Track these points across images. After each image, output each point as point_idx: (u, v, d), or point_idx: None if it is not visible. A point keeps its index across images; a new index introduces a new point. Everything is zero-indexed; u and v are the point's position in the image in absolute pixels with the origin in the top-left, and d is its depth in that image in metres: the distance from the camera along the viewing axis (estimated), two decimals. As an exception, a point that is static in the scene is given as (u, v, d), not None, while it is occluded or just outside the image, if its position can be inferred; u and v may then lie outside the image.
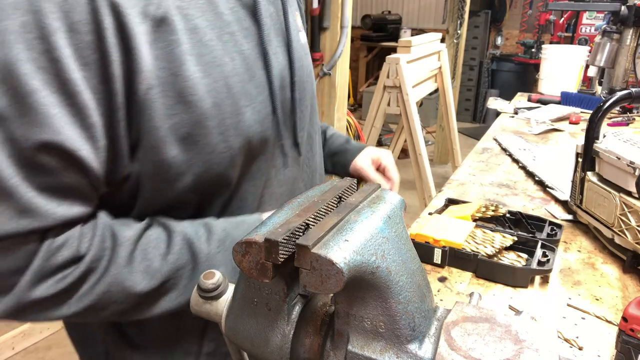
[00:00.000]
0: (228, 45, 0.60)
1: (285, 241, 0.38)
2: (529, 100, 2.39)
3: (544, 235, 0.95)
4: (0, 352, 2.08)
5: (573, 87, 2.42)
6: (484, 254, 0.86)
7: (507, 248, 0.89)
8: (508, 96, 2.70)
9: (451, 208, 1.09)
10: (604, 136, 0.96)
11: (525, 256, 0.88)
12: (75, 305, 0.55)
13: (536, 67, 3.24)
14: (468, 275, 0.87)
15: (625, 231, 0.87)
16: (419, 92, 3.07)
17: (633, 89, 0.95)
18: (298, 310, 0.45)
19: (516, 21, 6.62)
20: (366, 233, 0.40)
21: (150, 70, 0.52)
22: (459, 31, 4.48)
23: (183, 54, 0.55)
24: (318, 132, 0.85)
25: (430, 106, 5.71)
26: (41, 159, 0.49)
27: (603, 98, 2.04)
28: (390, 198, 0.46)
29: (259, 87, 0.64)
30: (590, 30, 5.25)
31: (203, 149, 0.58)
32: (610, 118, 1.96)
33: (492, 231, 0.94)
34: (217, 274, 0.49)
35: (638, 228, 0.84)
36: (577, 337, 0.70)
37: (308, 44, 0.82)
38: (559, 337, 0.70)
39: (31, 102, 0.47)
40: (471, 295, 0.50)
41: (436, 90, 3.53)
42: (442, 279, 0.86)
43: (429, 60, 3.14)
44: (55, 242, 0.52)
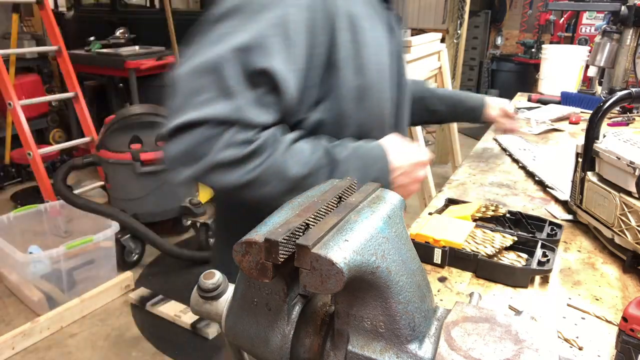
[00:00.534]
0: (386, 35, 0.90)
1: (285, 241, 0.38)
2: (529, 100, 2.39)
3: (544, 235, 0.95)
4: (0, 352, 2.08)
5: (573, 87, 2.42)
6: (484, 254, 0.86)
7: (507, 248, 0.89)
8: (508, 96, 2.69)
9: (451, 208, 1.09)
10: (604, 136, 0.96)
11: (525, 256, 0.88)
12: (244, 175, 0.75)
13: (536, 67, 3.24)
14: (468, 275, 0.87)
15: (625, 231, 0.87)
16: (419, 92, 3.06)
17: (633, 89, 0.95)
18: (298, 310, 0.45)
19: (516, 21, 6.62)
20: (366, 233, 0.40)
21: (342, 45, 0.80)
22: (459, 31, 4.48)
23: (364, 39, 0.83)
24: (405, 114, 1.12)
25: (430, 106, 5.69)
26: (261, 78, 0.74)
27: (603, 98, 2.04)
28: (390, 198, 0.46)
29: (391, 72, 0.93)
30: (590, 30, 5.25)
31: (365, 109, 0.86)
32: (610, 118, 1.96)
33: (492, 231, 0.94)
34: (217, 274, 0.49)
35: (638, 228, 0.84)
36: (577, 337, 0.70)
37: None
38: (559, 337, 0.70)
39: (268, 42, 0.73)
40: (471, 295, 0.50)
41: (436, 90, 3.52)
42: (442, 279, 0.85)
43: (429, 60, 3.14)
44: (242, 128, 0.74)
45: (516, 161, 1.50)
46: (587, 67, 2.47)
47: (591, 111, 0.98)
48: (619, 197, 0.88)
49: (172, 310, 2.38)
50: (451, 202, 1.13)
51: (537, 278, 0.85)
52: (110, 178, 2.86)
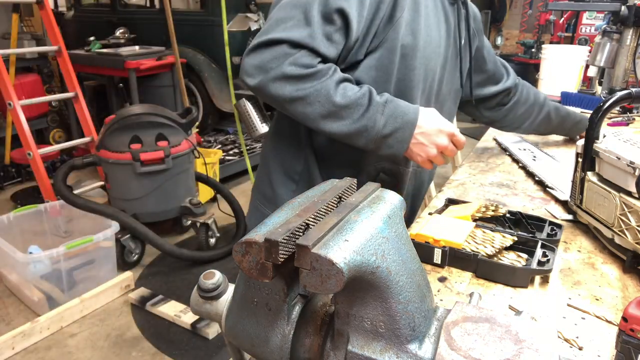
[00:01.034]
0: (438, 21, 1.09)
1: (285, 241, 0.38)
2: (529, 100, 2.39)
3: (544, 235, 0.95)
4: (0, 352, 2.08)
5: (573, 87, 2.41)
6: (484, 254, 0.86)
7: (507, 248, 0.89)
8: (508, 96, 2.69)
9: (451, 208, 1.09)
10: (604, 136, 0.96)
11: (525, 256, 0.88)
12: (297, 91, 0.93)
13: (536, 67, 3.24)
14: (468, 275, 0.87)
15: (625, 231, 0.87)
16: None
17: (633, 89, 0.95)
18: (298, 310, 0.45)
19: (516, 21, 6.62)
20: (366, 233, 0.40)
21: (404, 8, 0.99)
22: (459, 31, 4.47)
23: (422, 11, 1.02)
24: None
25: (430, 106, 5.69)
26: (335, 17, 0.93)
27: (603, 98, 2.04)
28: (390, 198, 0.46)
29: (440, 56, 1.11)
30: (590, 30, 5.25)
31: (407, 67, 1.04)
32: (610, 118, 1.96)
33: (492, 231, 0.94)
34: (217, 274, 0.49)
35: (638, 228, 0.84)
36: (577, 337, 0.70)
37: None
38: (559, 337, 0.70)
39: None
40: (471, 295, 0.50)
41: (436, 90, 3.52)
42: (442, 279, 0.85)
43: (429, 60, 3.13)
44: (310, 53, 0.93)
45: (516, 161, 1.50)
46: (587, 67, 2.46)
47: (591, 111, 0.98)
48: (619, 197, 0.88)
49: (172, 310, 2.38)
50: (451, 202, 1.13)
51: (537, 278, 0.85)
52: (110, 178, 2.86)
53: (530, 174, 1.38)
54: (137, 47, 4.05)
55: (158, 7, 4.72)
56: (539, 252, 0.86)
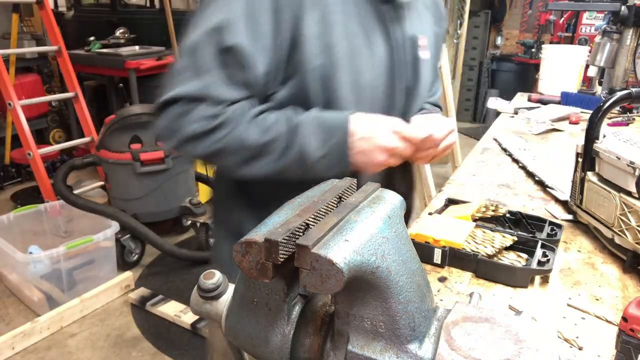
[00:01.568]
0: (361, 26, 0.88)
1: (285, 241, 0.38)
2: (529, 100, 2.39)
3: (544, 235, 0.95)
4: (0, 352, 2.08)
5: (573, 87, 2.41)
6: (484, 254, 0.86)
7: (507, 248, 0.89)
8: (508, 96, 2.69)
9: (451, 208, 1.09)
10: (604, 136, 0.96)
11: (525, 256, 0.88)
12: (211, 146, 0.82)
13: (536, 67, 3.24)
14: (468, 275, 0.87)
15: (625, 231, 0.87)
16: (419, 92, 3.06)
17: (633, 89, 0.95)
18: (298, 310, 0.45)
19: (516, 21, 6.62)
20: (366, 233, 0.40)
21: (309, 22, 0.83)
22: (459, 31, 4.48)
23: (333, 20, 0.85)
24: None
25: (430, 106, 5.69)
26: (229, 56, 0.80)
27: (603, 98, 2.04)
28: (390, 198, 0.46)
29: (375, 65, 0.91)
30: (590, 30, 5.25)
31: (332, 90, 0.87)
32: (610, 118, 1.96)
33: (492, 231, 0.94)
34: (217, 274, 0.49)
35: (638, 228, 0.84)
36: (577, 337, 0.70)
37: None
38: (559, 337, 0.70)
39: (235, 21, 0.80)
40: (471, 295, 0.50)
41: (436, 90, 3.52)
42: (442, 279, 0.85)
43: (429, 60, 3.14)
44: (212, 104, 0.81)
45: (516, 161, 1.50)
46: (587, 67, 2.46)
47: (591, 111, 0.98)
48: (619, 197, 0.88)
49: (172, 310, 2.38)
50: (451, 202, 1.13)
51: (537, 278, 0.85)
52: (110, 178, 2.86)
53: (530, 174, 1.38)
54: (137, 47, 4.05)
55: (158, 7, 4.72)
56: (539, 252, 0.86)
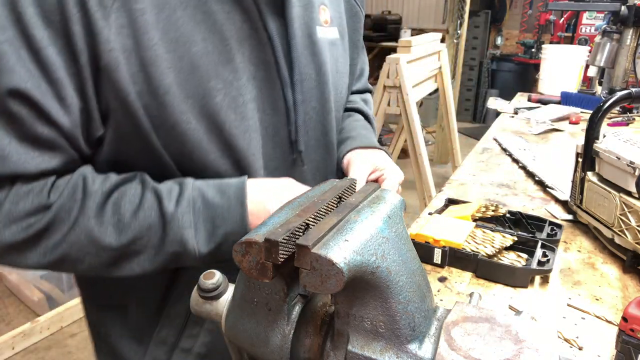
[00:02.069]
0: (201, 25, 0.60)
1: (285, 241, 0.38)
2: (529, 100, 2.39)
3: (544, 235, 0.95)
4: (0, 352, 2.08)
5: (573, 87, 2.41)
6: (484, 254, 0.86)
7: (507, 248, 0.89)
8: (508, 96, 2.70)
9: (451, 208, 1.09)
10: (604, 136, 0.96)
11: (525, 256, 0.88)
12: (50, 254, 0.57)
13: (536, 67, 3.24)
14: (468, 275, 0.87)
15: (625, 231, 0.87)
16: (419, 92, 3.07)
17: (633, 89, 0.95)
18: (298, 310, 0.45)
19: (516, 21, 6.62)
20: (366, 233, 0.40)
21: (111, 32, 0.54)
22: (459, 31, 4.48)
23: (146, 24, 0.56)
24: (336, 137, 0.84)
25: (430, 106, 5.71)
26: (12, 107, 0.52)
27: (603, 98, 2.04)
28: (390, 198, 0.46)
29: (237, 72, 0.63)
30: (590, 30, 5.24)
31: (164, 123, 0.59)
32: (610, 118, 1.96)
33: (492, 231, 0.94)
34: (217, 274, 0.49)
35: (638, 228, 0.84)
36: (577, 337, 0.70)
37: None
38: (559, 337, 0.70)
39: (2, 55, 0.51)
40: (471, 295, 0.50)
41: (436, 90, 3.53)
42: (442, 279, 0.85)
43: (429, 60, 3.14)
44: (23, 188, 0.55)
45: (516, 161, 1.50)
46: (587, 67, 2.46)
47: (591, 111, 0.98)
48: (619, 197, 0.88)
49: (172, 310, 2.38)
50: (451, 202, 1.13)
51: (537, 278, 0.85)
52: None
53: (530, 174, 1.38)
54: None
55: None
56: (539, 252, 0.86)
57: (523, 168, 1.43)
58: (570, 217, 1.10)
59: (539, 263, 0.84)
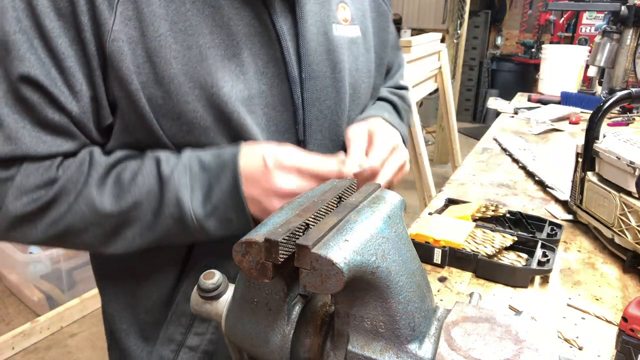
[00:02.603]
0: (209, 18, 0.61)
1: (285, 241, 0.38)
2: (529, 100, 2.39)
3: (544, 235, 0.95)
4: (0, 352, 2.08)
5: (573, 87, 2.42)
6: (484, 254, 0.86)
7: (507, 248, 0.89)
8: (508, 96, 2.70)
9: (451, 208, 1.09)
10: (604, 136, 0.96)
11: (525, 256, 0.88)
12: (56, 224, 0.59)
13: (536, 67, 3.24)
14: (468, 275, 0.87)
15: (625, 231, 0.87)
16: (419, 92, 3.07)
17: (633, 89, 0.95)
18: (298, 310, 0.45)
19: (516, 21, 6.62)
20: (366, 233, 0.40)
21: (116, 23, 0.56)
22: (459, 31, 4.48)
23: (153, 15, 0.58)
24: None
25: (430, 106, 5.71)
26: (24, 92, 0.56)
27: (603, 98, 2.04)
28: (390, 198, 0.46)
29: (244, 66, 0.63)
30: (590, 30, 5.25)
31: (169, 113, 0.60)
32: (610, 118, 1.96)
33: (492, 231, 0.94)
34: (217, 274, 0.49)
35: (638, 228, 0.84)
36: (577, 337, 0.70)
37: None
38: (559, 337, 0.70)
39: (13, 42, 0.55)
40: (471, 295, 0.50)
41: (436, 90, 3.53)
42: (442, 279, 0.85)
43: (429, 60, 3.14)
44: (34, 165, 0.58)
45: (516, 161, 1.50)
46: (587, 67, 2.47)
47: (591, 111, 0.98)
48: (619, 197, 0.88)
49: (172, 310, 2.38)
50: (451, 202, 1.13)
51: (537, 278, 0.85)
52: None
53: (530, 174, 1.38)
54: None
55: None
56: (539, 252, 0.86)
57: (523, 168, 1.43)
58: (570, 217, 1.10)
59: (539, 263, 0.84)
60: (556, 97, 2.31)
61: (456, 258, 0.88)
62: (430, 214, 1.03)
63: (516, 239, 0.91)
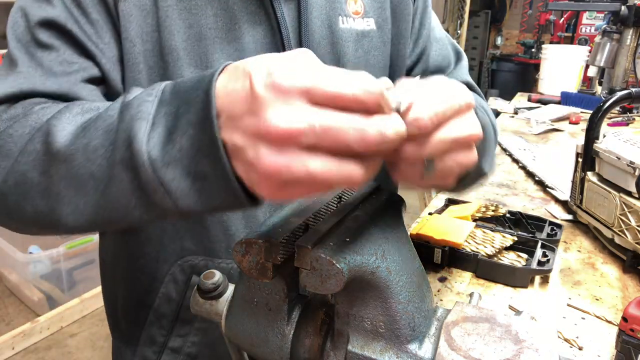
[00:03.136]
0: (214, 1, 0.62)
1: (285, 241, 0.38)
2: (529, 100, 2.39)
3: (544, 235, 0.95)
4: (0, 352, 2.08)
5: (573, 87, 2.42)
6: (484, 254, 0.86)
7: (507, 248, 0.89)
8: (508, 96, 2.70)
9: (451, 208, 1.09)
10: (604, 136, 0.96)
11: (525, 256, 0.88)
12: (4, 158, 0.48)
13: (536, 67, 3.24)
14: (468, 275, 0.87)
15: (625, 231, 0.87)
16: (419, 92, 3.05)
17: (633, 89, 0.95)
18: (298, 310, 0.45)
19: (516, 21, 6.62)
20: (366, 233, 0.40)
21: None
22: (459, 31, 4.48)
23: None
24: None
25: (430, 106, 5.69)
26: (44, 38, 0.56)
27: (603, 98, 2.04)
28: (390, 198, 0.46)
29: (244, 52, 0.63)
30: (590, 30, 5.24)
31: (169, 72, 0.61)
32: (610, 118, 1.96)
33: (492, 231, 0.94)
34: (217, 274, 0.50)
35: (638, 228, 0.84)
36: (577, 337, 0.70)
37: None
38: (559, 337, 0.70)
39: None
40: (471, 295, 0.50)
41: (436, 90, 3.52)
42: (442, 279, 0.85)
43: (429, 60, 3.13)
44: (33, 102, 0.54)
45: (516, 161, 1.50)
46: (587, 67, 2.47)
47: (591, 111, 0.98)
48: (619, 197, 0.88)
49: (172, 310, 2.38)
50: (451, 202, 1.13)
51: (537, 278, 0.85)
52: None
53: (530, 174, 1.38)
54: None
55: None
56: (539, 252, 0.86)
57: (523, 168, 1.43)
58: (570, 217, 1.10)
59: (539, 263, 0.84)
60: (556, 97, 2.31)
61: (456, 258, 0.88)
62: (430, 214, 1.03)
63: (516, 239, 0.91)
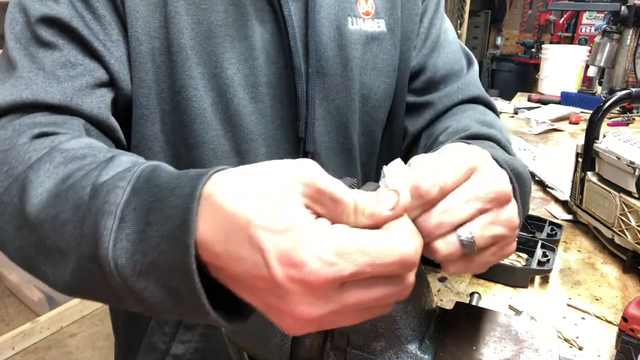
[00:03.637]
0: None
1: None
2: (529, 100, 2.39)
3: (544, 235, 0.95)
4: (0, 352, 2.08)
5: (573, 87, 2.41)
6: (484, 254, 0.86)
7: (507, 248, 0.89)
8: (508, 96, 2.70)
9: (451, 208, 1.09)
10: (604, 136, 0.96)
11: (525, 256, 0.88)
12: None
13: (536, 67, 3.24)
14: (468, 275, 0.87)
15: (625, 231, 0.87)
16: (419, 92, 3.05)
17: (633, 89, 0.95)
18: (298, 310, 0.45)
19: (516, 21, 6.62)
20: (366, 233, 0.40)
21: None
22: (459, 31, 4.48)
23: None
24: (359, 141, 0.73)
25: (430, 106, 5.69)
26: (45, 36, 0.53)
27: (603, 98, 2.04)
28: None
29: (254, 51, 0.61)
30: (590, 30, 5.24)
31: (171, 87, 0.59)
32: (610, 118, 1.96)
33: (492, 231, 0.94)
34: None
35: (638, 228, 0.84)
36: (577, 337, 0.70)
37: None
38: (559, 337, 0.70)
39: None
40: (471, 295, 0.50)
41: (436, 90, 3.52)
42: (442, 279, 0.85)
43: (429, 60, 3.13)
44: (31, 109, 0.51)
45: (516, 161, 1.50)
46: (587, 67, 2.46)
47: (591, 111, 0.98)
48: (619, 197, 0.88)
49: (172, 310, 2.38)
50: (451, 202, 1.13)
51: (537, 278, 0.85)
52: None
53: (530, 174, 1.38)
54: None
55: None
56: (539, 252, 0.86)
57: (523, 168, 1.43)
58: (570, 217, 1.10)
59: (539, 263, 0.84)
60: (556, 97, 2.31)
61: (456, 258, 0.88)
62: (430, 214, 1.03)
63: (516, 239, 0.91)
